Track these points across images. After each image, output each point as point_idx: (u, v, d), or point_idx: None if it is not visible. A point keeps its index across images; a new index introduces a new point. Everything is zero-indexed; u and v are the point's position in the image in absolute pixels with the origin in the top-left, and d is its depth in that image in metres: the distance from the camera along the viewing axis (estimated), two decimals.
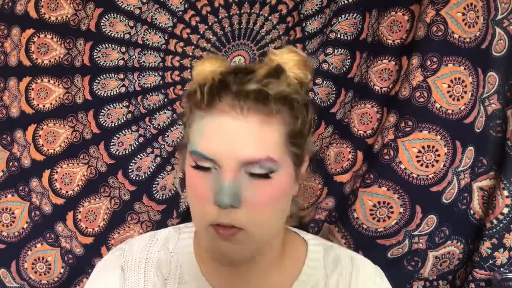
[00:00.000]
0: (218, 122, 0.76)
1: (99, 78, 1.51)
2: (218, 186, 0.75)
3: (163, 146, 1.51)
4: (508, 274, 1.25)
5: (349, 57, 1.36)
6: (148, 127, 1.51)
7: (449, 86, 1.19)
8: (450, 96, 1.20)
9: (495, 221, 1.26)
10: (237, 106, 0.75)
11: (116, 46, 1.50)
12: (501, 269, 1.27)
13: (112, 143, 1.51)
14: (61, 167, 1.52)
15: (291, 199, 0.87)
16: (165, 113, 1.51)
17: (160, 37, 1.50)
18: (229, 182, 0.75)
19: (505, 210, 1.25)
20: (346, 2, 1.33)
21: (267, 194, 0.77)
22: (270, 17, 1.45)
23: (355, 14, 1.33)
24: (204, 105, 0.77)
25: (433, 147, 1.21)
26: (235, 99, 0.75)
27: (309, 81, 0.86)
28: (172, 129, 1.51)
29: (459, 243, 1.30)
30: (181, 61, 1.50)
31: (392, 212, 1.24)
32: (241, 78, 0.77)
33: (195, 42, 1.49)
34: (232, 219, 0.76)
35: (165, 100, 1.51)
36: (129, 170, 1.51)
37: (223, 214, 0.76)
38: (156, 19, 1.49)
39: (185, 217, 1.47)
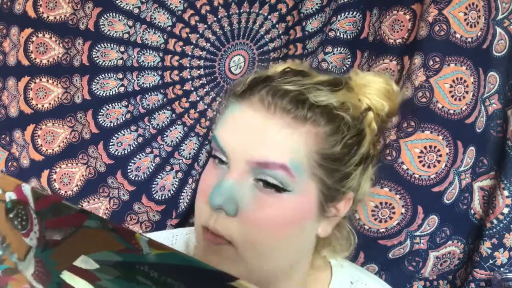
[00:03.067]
0: (243, 112, 0.67)
1: (98, 78, 1.51)
2: (218, 182, 0.66)
3: (162, 146, 1.51)
4: (508, 274, 1.25)
5: (349, 56, 1.36)
6: (147, 127, 1.51)
7: (451, 86, 1.19)
8: (452, 96, 1.19)
9: (495, 221, 1.25)
10: (267, 102, 0.66)
11: (115, 46, 1.50)
12: (501, 269, 1.26)
13: (111, 143, 1.51)
14: (60, 167, 1.51)
15: (314, 233, 0.74)
16: (164, 113, 1.51)
17: (159, 36, 1.49)
18: (229, 181, 0.65)
19: (505, 210, 1.25)
20: (346, 0, 1.33)
21: (271, 214, 0.65)
22: (269, 16, 1.45)
23: (355, 13, 1.32)
24: (239, 93, 0.69)
25: (435, 147, 1.20)
26: (269, 95, 0.66)
27: (385, 113, 0.76)
28: (171, 129, 1.51)
29: (459, 243, 1.30)
30: (180, 61, 1.49)
31: (394, 213, 1.24)
32: (289, 77, 0.69)
33: (194, 42, 1.48)
34: (221, 226, 0.66)
35: (164, 99, 1.51)
36: (128, 170, 1.51)
37: (214, 217, 0.66)
38: (155, 18, 1.49)
39: (185, 217, 1.47)
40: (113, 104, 1.51)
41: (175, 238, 0.93)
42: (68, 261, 0.44)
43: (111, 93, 1.51)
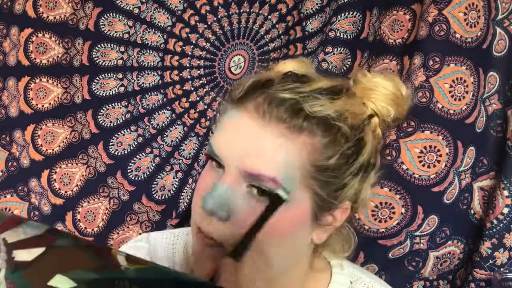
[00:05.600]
0: (239, 120, 0.66)
1: (97, 78, 1.51)
2: (213, 186, 0.66)
3: (162, 146, 1.51)
4: (508, 274, 1.25)
5: (349, 56, 1.36)
6: (147, 127, 1.51)
7: (451, 86, 1.19)
8: (452, 96, 1.19)
9: (495, 221, 1.25)
10: (263, 110, 0.64)
11: (115, 46, 1.50)
12: (501, 269, 1.27)
13: (111, 143, 1.51)
14: (60, 167, 1.51)
15: (308, 240, 0.73)
16: (164, 113, 1.51)
17: (159, 36, 1.49)
18: (223, 186, 0.65)
19: (505, 210, 1.25)
20: (346, 0, 1.33)
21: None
22: (269, 16, 1.45)
23: (355, 13, 1.32)
24: (236, 98, 0.68)
25: (435, 147, 1.20)
26: (265, 103, 0.64)
27: (391, 119, 0.74)
28: (171, 129, 1.51)
29: (459, 243, 1.30)
30: (180, 61, 1.49)
31: (393, 213, 1.24)
32: (288, 83, 0.67)
33: (194, 42, 1.48)
34: (213, 229, 0.66)
35: (164, 99, 1.50)
36: (128, 170, 1.51)
37: (206, 220, 0.67)
38: (155, 18, 1.49)
39: (185, 217, 1.47)
40: (113, 104, 1.51)
41: (176, 238, 0.93)
42: (42, 281, 0.43)
43: (111, 93, 1.51)
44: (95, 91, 1.51)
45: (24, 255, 0.44)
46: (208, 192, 0.66)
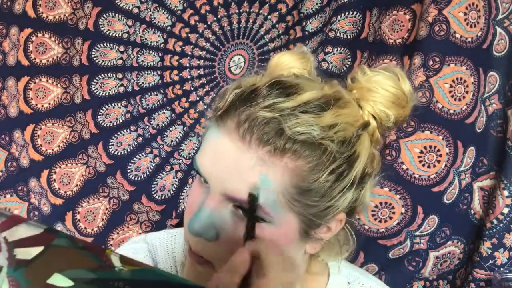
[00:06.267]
0: (220, 140, 0.63)
1: (97, 78, 1.50)
2: (199, 207, 0.64)
3: (162, 146, 1.50)
4: (508, 274, 1.25)
5: (349, 56, 1.36)
6: (147, 127, 1.51)
7: (451, 86, 1.19)
8: (452, 96, 1.19)
9: (495, 221, 1.25)
10: (243, 130, 0.60)
11: (114, 46, 1.50)
12: (501, 269, 1.27)
13: (110, 143, 1.51)
14: (60, 167, 1.51)
15: (301, 252, 0.71)
16: (164, 113, 1.51)
17: (158, 36, 1.49)
18: (207, 209, 0.63)
19: (505, 210, 1.25)
20: (346, 0, 1.33)
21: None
22: (269, 16, 1.45)
23: (355, 13, 1.32)
24: (218, 114, 0.64)
25: (435, 147, 1.20)
26: (246, 122, 0.60)
27: (391, 123, 0.69)
28: (171, 129, 1.51)
29: (459, 243, 1.30)
30: (180, 61, 1.49)
31: (393, 213, 1.24)
32: (270, 96, 0.62)
33: (194, 41, 1.48)
34: (201, 248, 0.65)
35: (164, 99, 1.50)
36: (128, 170, 1.51)
37: (194, 240, 0.65)
38: (154, 18, 1.49)
39: None
40: (113, 104, 1.51)
41: (174, 238, 0.92)
42: (41, 279, 0.43)
43: (110, 93, 1.51)
44: (95, 91, 1.51)
45: (24, 253, 0.44)
46: (195, 213, 0.64)
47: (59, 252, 0.43)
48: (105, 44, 1.50)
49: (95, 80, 1.51)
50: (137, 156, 1.51)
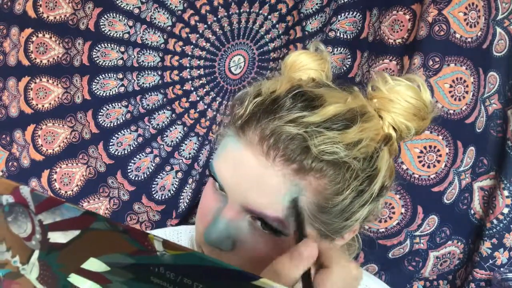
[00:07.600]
0: (242, 152, 0.61)
1: (98, 78, 1.51)
2: (215, 216, 0.63)
3: (162, 146, 1.51)
4: (508, 274, 1.25)
5: (349, 56, 1.36)
6: (147, 127, 1.51)
7: (450, 86, 1.19)
8: (452, 96, 1.19)
9: (495, 221, 1.25)
10: (268, 145, 0.59)
11: (115, 46, 1.50)
12: (501, 269, 1.26)
13: (111, 143, 1.51)
14: (60, 167, 1.51)
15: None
16: (164, 113, 1.51)
17: (159, 36, 1.49)
18: (225, 219, 0.62)
19: (505, 210, 1.25)
20: (346, 0, 1.33)
21: (267, 253, 0.62)
22: (269, 16, 1.45)
23: (355, 13, 1.32)
24: (239, 124, 0.62)
25: (435, 147, 1.20)
26: (270, 136, 0.59)
27: (411, 135, 0.68)
28: (171, 129, 1.51)
29: (459, 243, 1.30)
30: (180, 61, 1.49)
31: (393, 213, 1.24)
32: (294, 109, 0.60)
33: (194, 42, 1.48)
34: (216, 257, 0.59)
35: (164, 99, 1.51)
36: (128, 170, 1.51)
37: (209, 249, 0.64)
38: (155, 18, 1.49)
39: (185, 217, 1.47)
40: (113, 104, 1.51)
41: (180, 235, 0.91)
42: (76, 263, 0.42)
43: (111, 93, 1.51)
44: (95, 91, 1.51)
45: (59, 237, 0.43)
46: (212, 223, 0.63)
47: (96, 236, 0.41)
48: (106, 44, 1.50)
49: (95, 80, 1.51)
50: (138, 156, 1.51)
